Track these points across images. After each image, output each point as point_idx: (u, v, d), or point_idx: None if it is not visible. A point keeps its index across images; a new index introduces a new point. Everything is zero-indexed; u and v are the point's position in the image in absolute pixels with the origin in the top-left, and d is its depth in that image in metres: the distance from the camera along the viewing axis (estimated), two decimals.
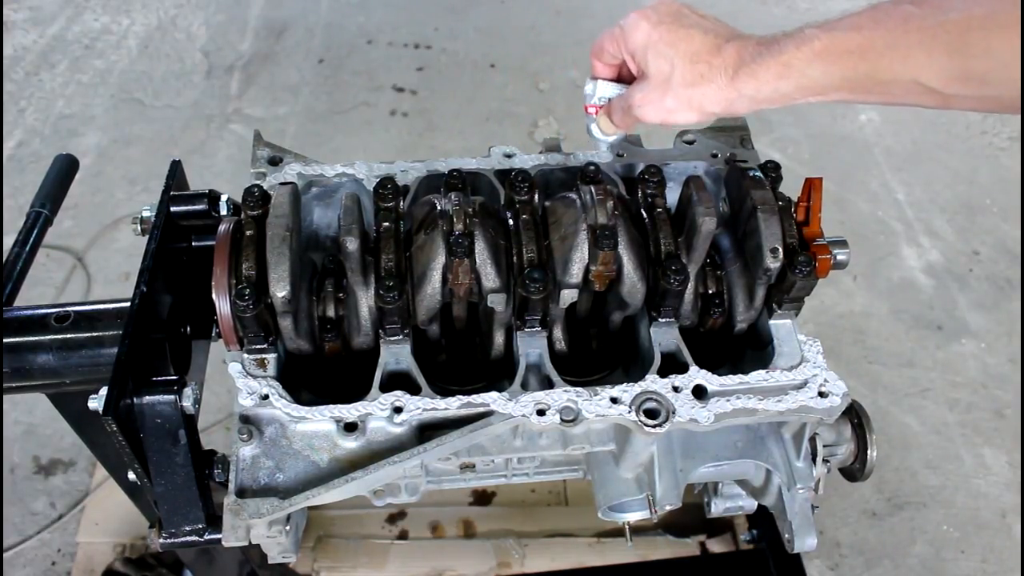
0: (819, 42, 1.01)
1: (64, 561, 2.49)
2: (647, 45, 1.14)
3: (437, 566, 2.33)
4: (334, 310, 1.25)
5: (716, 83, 1.09)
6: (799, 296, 1.23)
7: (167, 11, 4.60)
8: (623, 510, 1.38)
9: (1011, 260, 3.45)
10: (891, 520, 2.68)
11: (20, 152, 3.79)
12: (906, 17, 0.96)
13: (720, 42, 1.10)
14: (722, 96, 1.09)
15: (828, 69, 1.01)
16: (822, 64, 1.01)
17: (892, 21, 0.97)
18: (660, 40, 1.13)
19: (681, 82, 1.11)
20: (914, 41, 0.95)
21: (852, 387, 2.12)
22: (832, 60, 1.01)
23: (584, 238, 1.17)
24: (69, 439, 2.66)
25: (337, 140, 3.89)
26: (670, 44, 1.12)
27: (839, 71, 1.01)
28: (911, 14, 0.95)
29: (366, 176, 1.37)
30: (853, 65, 1.00)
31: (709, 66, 1.09)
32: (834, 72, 1.01)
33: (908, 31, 0.95)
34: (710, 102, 1.11)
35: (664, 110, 1.15)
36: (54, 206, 1.54)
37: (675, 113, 1.15)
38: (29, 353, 1.27)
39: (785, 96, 1.06)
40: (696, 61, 1.10)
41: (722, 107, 1.11)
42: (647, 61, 1.15)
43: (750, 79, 1.06)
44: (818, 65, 1.02)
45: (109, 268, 3.31)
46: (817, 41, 1.01)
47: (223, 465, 1.18)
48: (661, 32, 1.13)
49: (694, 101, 1.12)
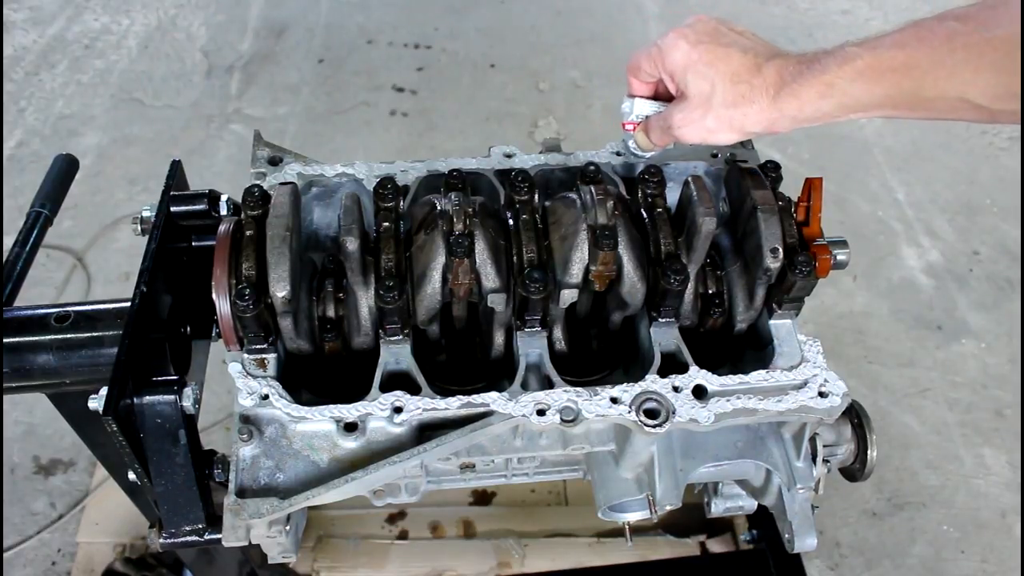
0: (862, 60, 1.01)
1: (64, 561, 2.49)
2: (686, 66, 1.13)
3: (437, 566, 2.33)
4: (334, 310, 1.25)
5: (758, 103, 1.09)
6: (799, 296, 1.23)
7: (167, 11, 4.60)
8: (623, 510, 1.38)
9: (1011, 260, 3.45)
10: (891, 520, 2.68)
11: (20, 152, 3.79)
12: (951, 34, 0.95)
13: (760, 61, 1.09)
14: (764, 116, 1.09)
15: (871, 87, 1.01)
16: (865, 82, 1.01)
17: (937, 38, 0.97)
18: (699, 60, 1.12)
19: (722, 103, 1.11)
20: (960, 58, 0.95)
21: (852, 387, 2.11)
22: (875, 78, 1.00)
23: (584, 238, 1.17)
24: (69, 439, 2.66)
25: (337, 140, 3.90)
26: (709, 64, 1.11)
27: (882, 89, 1.01)
28: (956, 31, 0.95)
29: (366, 176, 1.37)
30: (897, 82, 0.99)
31: (750, 86, 1.09)
32: (877, 90, 1.01)
33: (954, 48, 0.95)
34: (751, 122, 1.11)
35: (705, 130, 1.15)
36: (54, 206, 1.54)
37: (716, 133, 1.15)
38: (29, 353, 1.27)
39: (827, 115, 1.06)
40: (737, 81, 1.09)
41: (763, 127, 1.11)
42: (687, 81, 1.14)
43: (792, 99, 1.06)
44: (861, 83, 1.01)
45: (109, 268, 3.31)
46: (860, 60, 1.01)
47: (223, 465, 1.18)
48: (700, 52, 1.12)
49: (735, 121, 1.12)
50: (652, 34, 4.50)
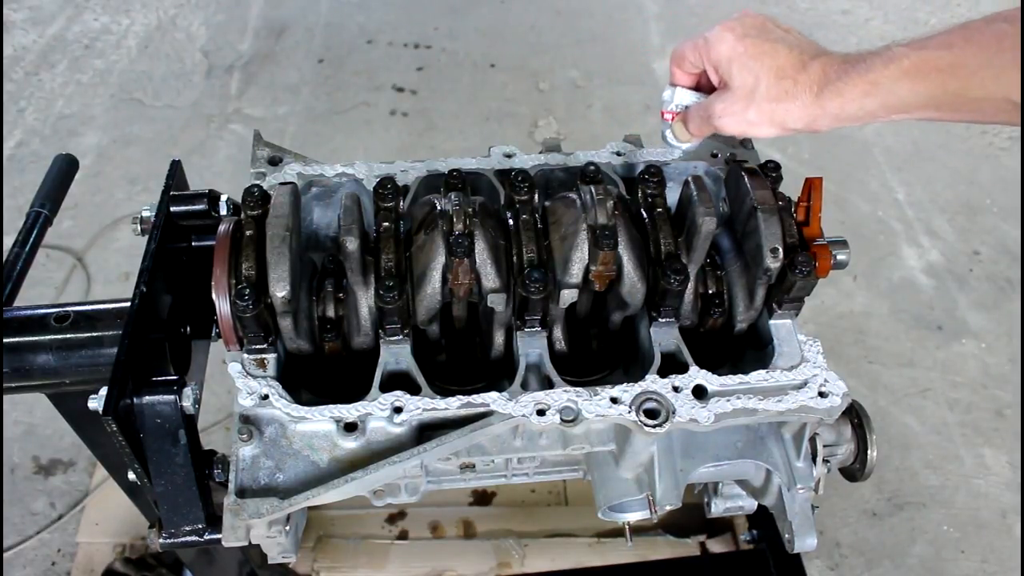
0: (908, 60, 1.01)
1: (64, 561, 2.49)
2: (732, 58, 1.14)
3: (437, 566, 2.33)
4: (334, 310, 1.25)
5: (801, 100, 1.09)
6: (799, 296, 1.23)
7: (167, 11, 4.60)
8: (623, 510, 1.38)
9: (1011, 260, 3.45)
10: (891, 520, 2.68)
11: (20, 152, 3.79)
12: (1000, 35, 0.96)
13: (805, 58, 1.10)
14: (806, 113, 1.10)
15: (916, 87, 1.01)
16: (910, 82, 1.01)
17: (985, 39, 0.97)
18: (745, 53, 1.13)
19: (765, 96, 1.11)
20: (1008, 60, 0.95)
21: (852, 387, 2.11)
22: (921, 78, 1.01)
23: (584, 238, 1.17)
24: (69, 439, 2.66)
25: (337, 140, 3.89)
26: (755, 57, 1.12)
27: (927, 89, 1.01)
28: (1005, 32, 0.95)
29: (366, 176, 1.37)
30: (943, 83, 1.00)
31: (794, 82, 1.09)
32: (922, 90, 1.01)
33: (1003, 49, 0.95)
34: (793, 118, 1.11)
35: (745, 122, 1.15)
36: (54, 206, 1.54)
37: (756, 126, 1.15)
38: (29, 353, 1.27)
39: (869, 114, 1.06)
40: (782, 77, 1.10)
41: (804, 123, 1.11)
42: (731, 73, 1.15)
43: (835, 97, 1.06)
44: (906, 83, 1.02)
45: (109, 268, 3.31)
46: (906, 59, 1.01)
47: (223, 465, 1.18)
48: (746, 45, 1.13)
49: (776, 116, 1.12)
50: (652, 34, 4.50)
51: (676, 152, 1.37)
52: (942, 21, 4.53)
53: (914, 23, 4.55)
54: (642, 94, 4.11)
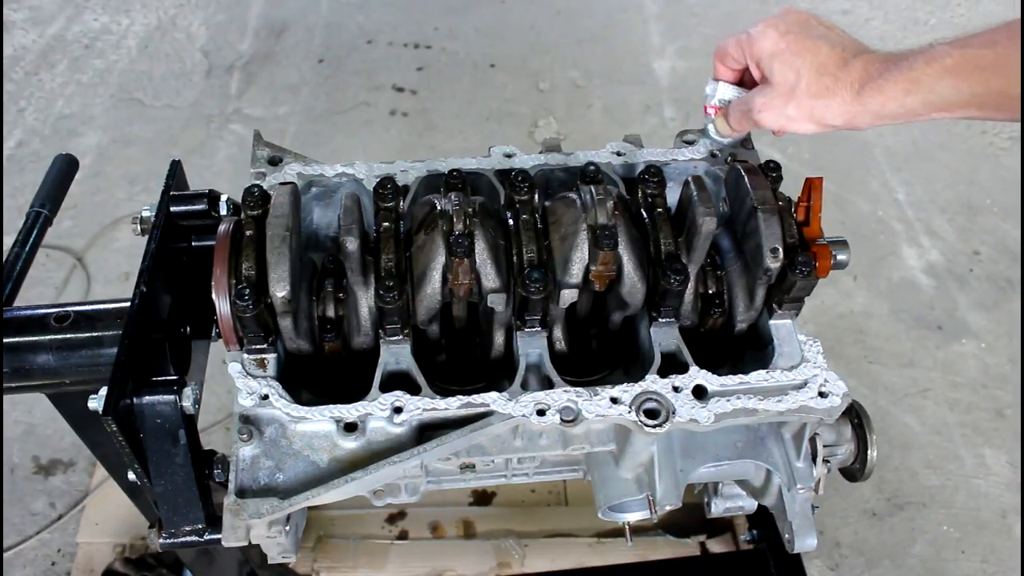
0: (951, 58, 1.01)
1: (64, 561, 2.49)
2: (774, 53, 1.15)
3: (437, 566, 2.33)
4: (334, 310, 1.25)
5: (841, 96, 1.10)
6: (799, 296, 1.23)
7: (167, 11, 4.59)
8: (623, 510, 1.38)
9: (1011, 260, 3.45)
10: (891, 520, 2.68)
11: (20, 152, 3.79)
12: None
13: (847, 56, 1.11)
14: (845, 110, 1.10)
15: (959, 85, 1.01)
16: (953, 80, 1.02)
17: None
18: (787, 49, 1.14)
19: (806, 92, 1.12)
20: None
21: (852, 387, 2.11)
22: (964, 76, 1.01)
23: (584, 238, 1.17)
24: (69, 439, 2.66)
25: (337, 140, 3.89)
26: (797, 54, 1.13)
27: (970, 87, 1.01)
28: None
29: (366, 176, 1.37)
30: (985, 81, 1.00)
31: (835, 79, 1.10)
32: (964, 88, 1.01)
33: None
34: (832, 115, 1.12)
35: (784, 117, 1.16)
36: (54, 206, 1.54)
37: (795, 122, 1.16)
38: (29, 353, 1.27)
39: (910, 112, 1.06)
40: (823, 73, 1.11)
41: (843, 120, 1.12)
42: (773, 69, 1.16)
43: (876, 94, 1.07)
44: (948, 81, 1.02)
45: (109, 268, 3.31)
46: (949, 58, 1.02)
47: (223, 465, 1.18)
48: (788, 41, 1.14)
49: (816, 112, 1.13)
50: (652, 34, 4.50)
51: (717, 146, 1.40)
52: (942, 21, 4.53)
53: (914, 23, 4.55)
54: (642, 94, 4.11)
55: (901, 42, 4.42)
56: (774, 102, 1.17)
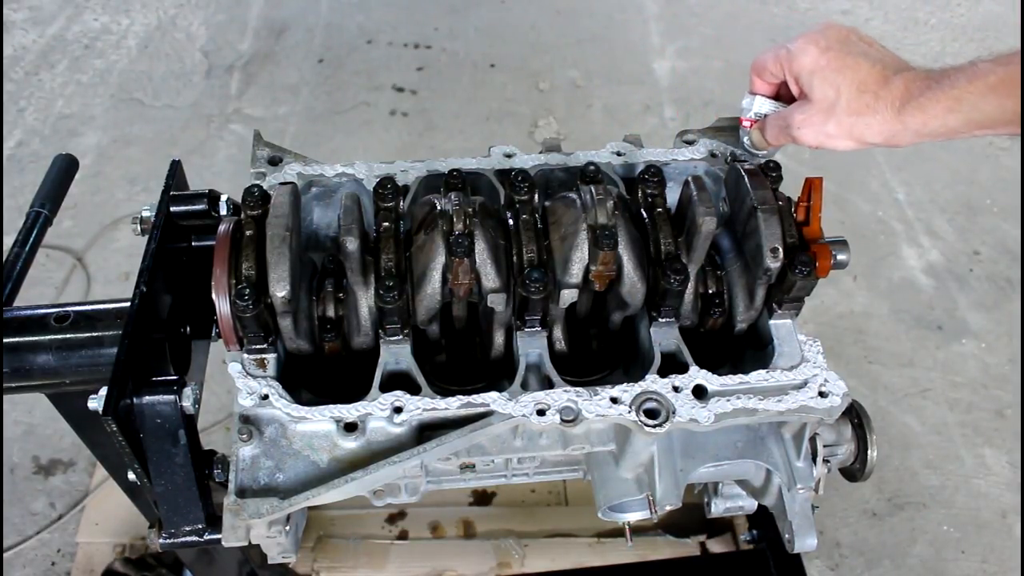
0: (994, 76, 1.01)
1: (64, 561, 2.49)
2: (813, 70, 1.15)
3: (437, 566, 2.33)
4: (334, 310, 1.25)
5: (881, 115, 1.09)
6: (799, 296, 1.23)
7: (167, 11, 4.59)
8: (623, 510, 1.38)
9: (1011, 260, 3.45)
10: (891, 520, 2.68)
11: (20, 152, 3.79)
12: None
13: (888, 73, 1.10)
14: (886, 128, 1.10)
15: (1003, 103, 1.01)
16: (996, 98, 1.01)
17: None
18: (828, 66, 1.13)
19: (846, 110, 1.12)
20: None
21: (852, 387, 2.11)
22: (1007, 94, 1.00)
23: (584, 238, 1.17)
24: (69, 439, 2.66)
25: (337, 140, 3.89)
26: (837, 71, 1.13)
27: (1013, 104, 1.01)
28: None
29: (366, 176, 1.37)
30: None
31: (876, 97, 1.10)
32: (1008, 105, 1.01)
33: None
34: (872, 133, 1.11)
35: (823, 134, 1.16)
36: (54, 206, 1.54)
37: (833, 139, 1.16)
38: (29, 353, 1.27)
39: (952, 131, 1.06)
40: (863, 91, 1.10)
41: (883, 138, 1.11)
42: (812, 85, 1.15)
43: (918, 113, 1.06)
44: (992, 99, 1.01)
45: (109, 268, 3.31)
46: (992, 75, 1.01)
47: (223, 465, 1.18)
48: (829, 58, 1.14)
49: (855, 130, 1.12)
50: (652, 34, 4.50)
51: (754, 159, 1.39)
52: (942, 21, 4.53)
53: (914, 23, 4.55)
54: (642, 94, 4.12)
55: (901, 42, 4.42)
56: (813, 119, 1.16)
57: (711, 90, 4.08)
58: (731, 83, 4.11)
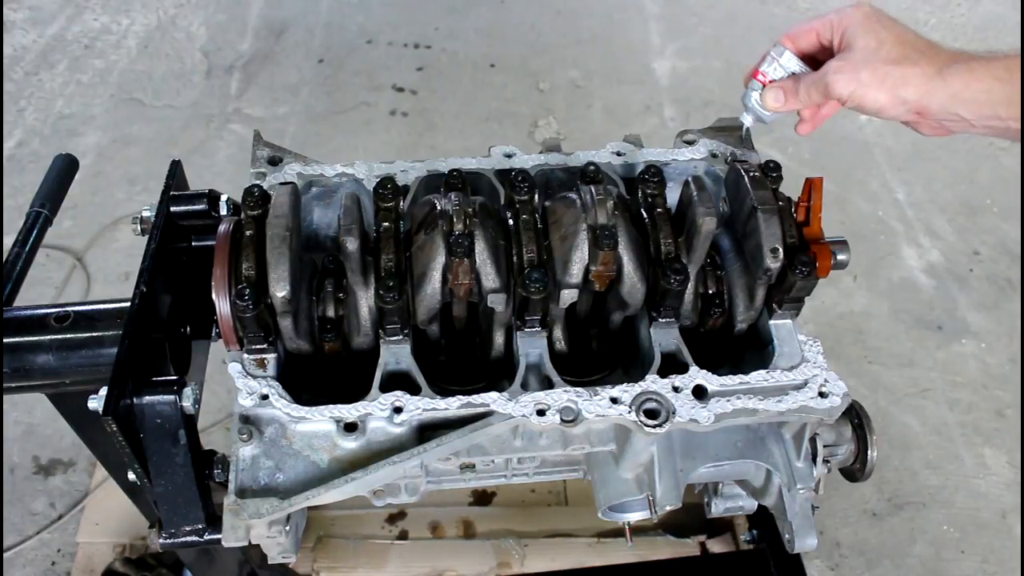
0: None
1: (64, 561, 2.49)
2: (861, 22, 1.15)
3: (437, 566, 2.33)
4: (334, 310, 1.25)
5: (921, 67, 1.08)
6: (799, 296, 1.23)
7: (167, 11, 4.59)
8: (623, 510, 1.38)
9: (1011, 260, 3.45)
10: (891, 520, 2.68)
11: (20, 152, 3.79)
12: None
13: (932, 43, 1.12)
14: (924, 83, 1.08)
15: None
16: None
17: None
18: (877, 22, 1.14)
19: (885, 57, 1.11)
20: None
21: (852, 387, 2.11)
22: None
23: (584, 238, 1.17)
24: (69, 439, 2.66)
25: (337, 140, 3.89)
26: (884, 26, 1.13)
27: None
28: None
29: (366, 176, 1.37)
30: None
31: (917, 51, 1.09)
32: None
33: None
34: (909, 86, 1.09)
35: (856, 81, 1.13)
36: (54, 206, 1.54)
37: (866, 88, 1.13)
38: (29, 353, 1.27)
39: (992, 101, 1.05)
40: (906, 43, 1.11)
41: (917, 95, 1.09)
42: (856, 35, 1.15)
43: (964, 72, 1.06)
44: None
45: (109, 268, 3.31)
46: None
47: (223, 465, 1.18)
48: (880, 16, 1.15)
49: (890, 79, 1.11)
50: (652, 34, 4.50)
51: (747, 118, 1.34)
52: (942, 21, 4.53)
53: (914, 23, 4.49)
54: (642, 94, 4.12)
55: None
56: (849, 64, 1.14)
57: (711, 90, 4.08)
58: (731, 83, 4.10)
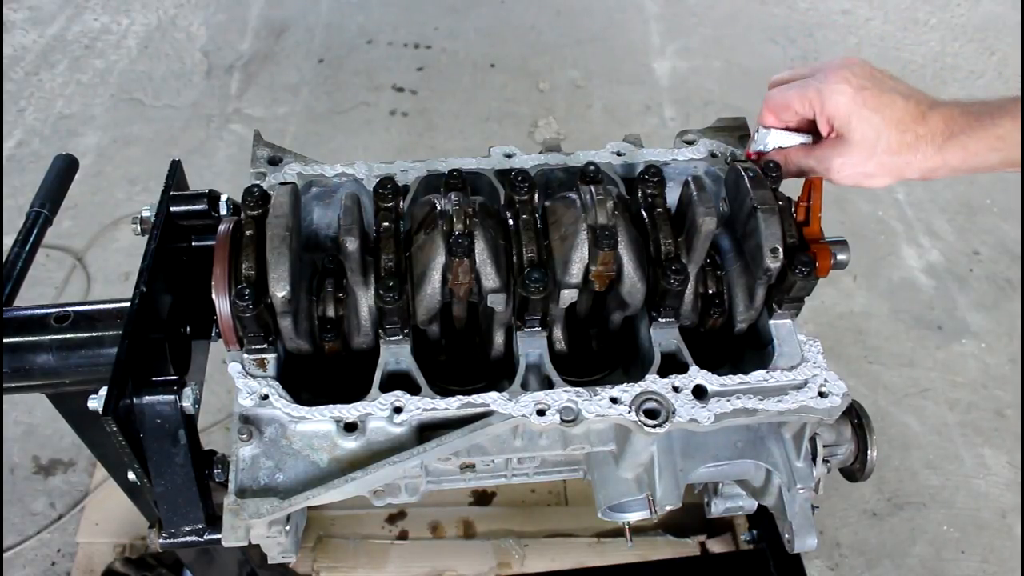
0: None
1: (64, 561, 2.49)
2: (850, 111, 1.15)
3: (437, 566, 2.33)
4: (334, 310, 1.25)
5: (922, 152, 1.10)
6: (799, 296, 1.23)
7: (167, 11, 4.60)
8: (623, 510, 1.38)
9: (1011, 260, 3.45)
10: (891, 520, 2.68)
11: (20, 152, 3.79)
12: None
13: (924, 109, 1.11)
14: (926, 165, 1.11)
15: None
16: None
17: None
18: (865, 105, 1.13)
19: (886, 149, 1.12)
20: None
21: (852, 387, 2.11)
22: None
23: (584, 238, 1.17)
24: (69, 439, 2.66)
25: (337, 140, 3.89)
26: (875, 110, 1.13)
27: None
28: None
29: (366, 176, 1.37)
30: None
31: (916, 135, 1.10)
32: None
33: None
34: (912, 170, 1.12)
35: (862, 175, 1.17)
36: (54, 206, 1.54)
37: (873, 178, 1.16)
38: (29, 353, 1.27)
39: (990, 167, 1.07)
40: (903, 130, 1.11)
41: (921, 175, 1.12)
42: (851, 127, 1.15)
43: (959, 150, 1.07)
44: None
45: (109, 268, 3.31)
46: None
47: (223, 465, 1.18)
48: (865, 97, 1.14)
49: (895, 168, 1.13)
50: (652, 34, 4.50)
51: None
52: (942, 21, 4.53)
53: (914, 23, 4.55)
54: (642, 94, 4.12)
55: (901, 42, 4.42)
56: (853, 160, 1.16)
57: (711, 90, 4.08)
58: (731, 83, 4.12)
